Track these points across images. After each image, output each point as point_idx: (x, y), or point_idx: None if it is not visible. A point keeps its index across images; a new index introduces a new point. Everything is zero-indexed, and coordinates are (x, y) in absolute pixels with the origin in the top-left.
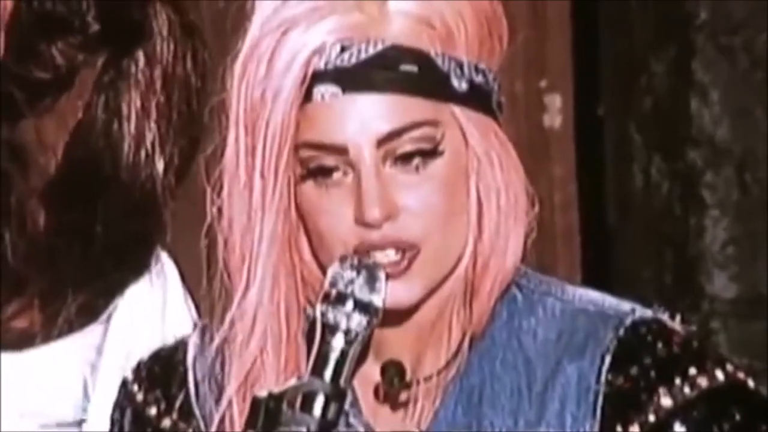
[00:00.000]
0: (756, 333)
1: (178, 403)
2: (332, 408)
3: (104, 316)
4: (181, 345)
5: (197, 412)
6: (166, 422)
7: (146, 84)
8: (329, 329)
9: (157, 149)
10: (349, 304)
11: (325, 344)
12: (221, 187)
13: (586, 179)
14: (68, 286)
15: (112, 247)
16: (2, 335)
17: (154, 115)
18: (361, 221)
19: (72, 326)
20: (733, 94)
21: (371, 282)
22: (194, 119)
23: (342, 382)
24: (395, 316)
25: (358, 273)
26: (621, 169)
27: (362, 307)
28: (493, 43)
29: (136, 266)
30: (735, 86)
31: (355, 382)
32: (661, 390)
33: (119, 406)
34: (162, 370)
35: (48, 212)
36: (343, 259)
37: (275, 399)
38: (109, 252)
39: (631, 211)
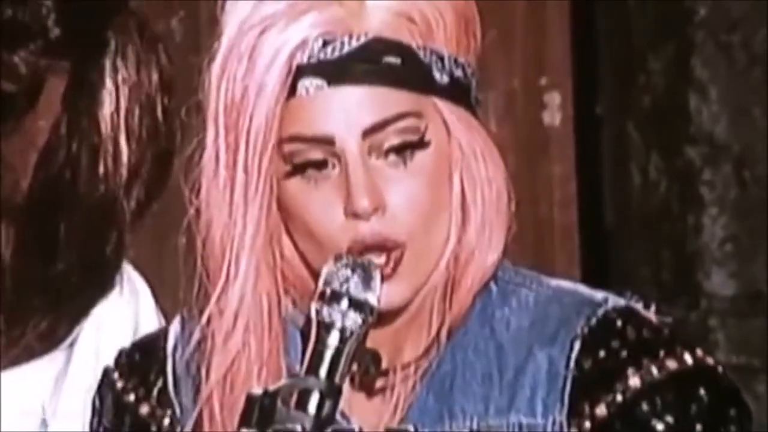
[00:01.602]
0: (754, 330)
1: (156, 390)
2: (327, 406)
3: (67, 343)
4: (162, 333)
5: (174, 399)
6: (144, 408)
7: (110, 101)
8: (324, 327)
9: (120, 165)
10: (344, 303)
11: (319, 342)
12: (199, 189)
13: (585, 177)
14: (31, 310)
15: (74, 268)
16: None
17: (117, 130)
18: (350, 212)
19: (33, 352)
20: (732, 92)
21: (366, 280)
22: (160, 134)
23: (337, 379)
24: (386, 317)
25: (353, 271)
26: (619, 167)
27: (357, 305)
28: (469, 40)
29: (99, 287)
30: (734, 84)
31: None
32: (630, 371)
33: (99, 394)
34: (142, 358)
35: (16, 234)
36: (338, 258)
37: (270, 396)
38: (71, 274)
39: (629, 209)
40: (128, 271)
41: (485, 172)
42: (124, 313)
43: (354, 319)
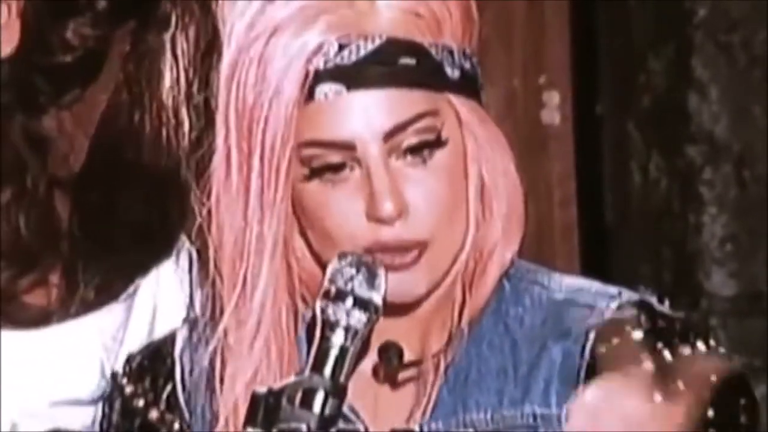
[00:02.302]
0: (754, 330)
1: (165, 395)
2: (331, 404)
3: (124, 296)
4: (170, 338)
5: (183, 404)
6: (154, 414)
7: (170, 72)
8: (329, 326)
9: (182, 135)
10: (349, 301)
11: (324, 341)
12: (210, 191)
13: (585, 176)
14: (86, 264)
15: (133, 228)
16: (19, 312)
17: (178, 101)
18: (374, 217)
19: (89, 305)
20: (732, 92)
21: (371, 279)
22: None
23: (342, 378)
24: (402, 308)
25: (358, 270)
26: (619, 166)
27: (362, 304)
28: (471, 29)
29: (158, 248)
30: (734, 83)
31: None
32: (643, 355)
33: (108, 399)
34: (150, 363)
35: (73, 197)
36: (342, 256)
37: (275, 395)
38: (130, 232)
39: (629, 208)
40: (187, 244)
41: (501, 162)
42: (180, 279)
43: (359, 318)
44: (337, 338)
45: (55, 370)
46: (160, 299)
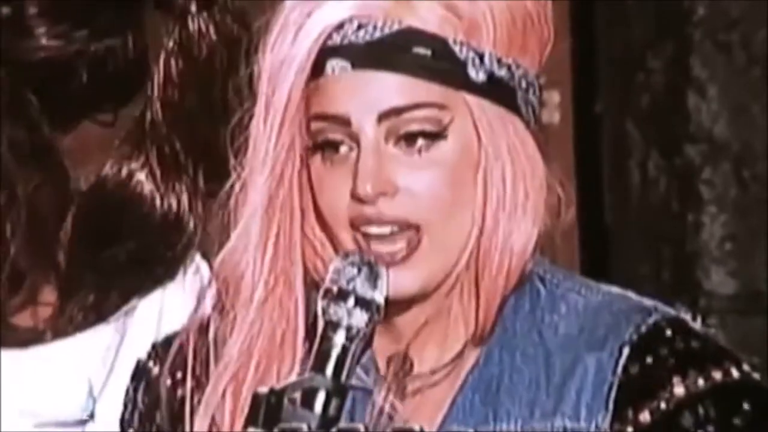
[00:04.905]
0: (754, 329)
1: (193, 374)
2: (333, 404)
3: (115, 316)
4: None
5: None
6: (180, 392)
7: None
8: (331, 325)
9: (183, 175)
10: (351, 301)
11: (326, 340)
12: (244, 155)
13: (584, 176)
14: (82, 280)
15: (136, 258)
16: (8, 333)
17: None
18: (355, 195)
19: (79, 325)
20: (731, 91)
21: (373, 279)
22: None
23: (343, 378)
24: (401, 306)
25: (360, 269)
26: (619, 165)
27: (363, 303)
28: (526, 42)
29: (158, 276)
30: (733, 82)
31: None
32: (675, 379)
33: (133, 383)
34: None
35: (79, 217)
36: (344, 255)
37: (276, 394)
38: (131, 261)
39: (628, 207)
40: (196, 262)
41: (510, 172)
42: (185, 303)
43: (360, 318)
44: (339, 338)
45: (41, 391)
46: (164, 324)
